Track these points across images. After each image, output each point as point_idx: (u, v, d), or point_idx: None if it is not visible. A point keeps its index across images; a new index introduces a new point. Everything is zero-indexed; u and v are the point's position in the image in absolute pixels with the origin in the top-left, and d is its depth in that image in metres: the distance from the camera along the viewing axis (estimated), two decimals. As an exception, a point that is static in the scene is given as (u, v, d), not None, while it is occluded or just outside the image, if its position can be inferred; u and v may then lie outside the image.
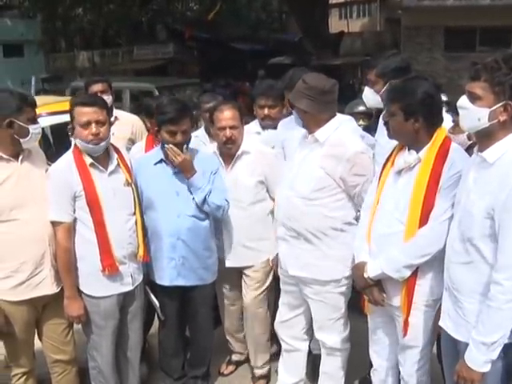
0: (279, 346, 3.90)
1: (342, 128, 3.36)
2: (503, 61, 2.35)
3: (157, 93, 11.11)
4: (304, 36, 18.78)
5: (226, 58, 20.25)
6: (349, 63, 16.08)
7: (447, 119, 3.42)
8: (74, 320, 3.40)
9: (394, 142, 3.07)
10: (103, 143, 3.29)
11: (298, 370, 3.81)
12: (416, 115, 2.81)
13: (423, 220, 2.82)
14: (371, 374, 3.41)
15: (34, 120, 3.22)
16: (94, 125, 3.24)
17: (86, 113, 3.25)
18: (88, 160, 3.31)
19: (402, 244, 2.88)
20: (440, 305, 2.79)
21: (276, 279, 3.84)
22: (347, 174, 3.24)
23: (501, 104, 2.36)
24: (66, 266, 3.29)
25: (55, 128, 6.34)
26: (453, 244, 2.61)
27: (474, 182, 2.50)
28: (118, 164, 3.42)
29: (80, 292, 3.38)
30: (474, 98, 2.41)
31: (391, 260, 2.90)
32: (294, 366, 3.81)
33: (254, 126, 4.32)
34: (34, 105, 3.25)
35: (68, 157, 3.36)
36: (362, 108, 5.06)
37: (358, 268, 3.10)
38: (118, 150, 3.49)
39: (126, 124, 4.84)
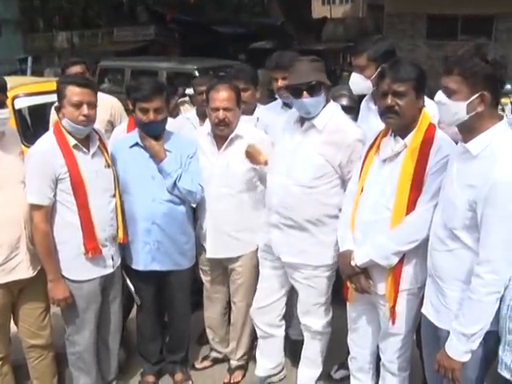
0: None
1: (338, 114, 3.34)
2: (474, 51, 2.35)
3: (197, 74, 10.22)
4: (286, 20, 18.69)
5: (207, 41, 20.09)
6: (331, 49, 16.07)
7: (432, 106, 3.39)
8: (60, 303, 3.33)
9: (376, 129, 3.05)
10: (91, 125, 3.26)
11: (275, 355, 3.82)
12: (422, 93, 2.84)
13: (410, 206, 2.81)
14: (349, 362, 3.41)
15: (0, 104, 3.09)
16: (85, 106, 3.18)
17: (79, 93, 3.19)
18: (72, 141, 3.25)
19: (389, 230, 2.86)
20: (423, 292, 2.80)
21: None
22: (346, 161, 3.22)
23: (476, 95, 2.35)
24: (46, 249, 3.23)
25: (33, 109, 6.25)
26: (436, 231, 2.61)
27: (458, 172, 2.50)
28: (99, 146, 3.37)
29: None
30: (449, 93, 2.40)
31: (379, 247, 2.88)
32: (271, 352, 3.81)
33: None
34: (1, 88, 3.10)
35: (49, 138, 3.27)
36: (345, 92, 5.03)
37: (344, 256, 3.07)
38: (96, 132, 3.43)
39: (105, 106, 4.75)
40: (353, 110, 3.85)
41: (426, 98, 2.97)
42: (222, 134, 3.64)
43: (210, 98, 3.63)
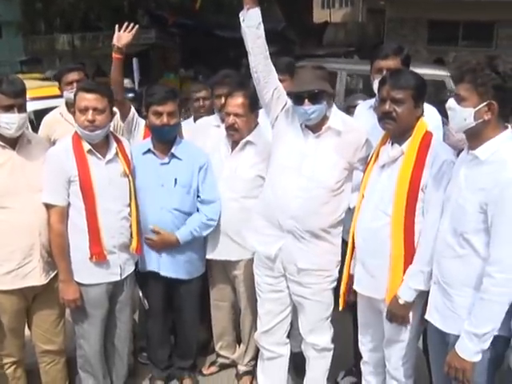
0: None
1: (344, 116, 3.39)
2: (485, 62, 2.49)
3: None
4: (288, 25, 18.70)
5: (208, 46, 20.05)
6: (332, 54, 16.05)
7: (433, 113, 3.45)
8: (70, 304, 3.35)
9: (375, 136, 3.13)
10: (99, 131, 3.27)
11: (280, 377, 3.70)
12: (421, 102, 2.92)
13: (409, 211, 2.87)
14: (361, 366, 3.42)
15: (7, 108, 3.08)
16: (90, 111, 3.22)
17: (85, 99, 3.24)
18: (86, 146, 3.30)
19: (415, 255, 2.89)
20: (425, 299, 2.85)
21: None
22: (364, 156, 3.26)
23: (484, 104, 2.48)
24: (59, 249, 3.28)
25: (39, 113, 6.26)
26: (444, 238, 2.67)
27: (466, 179, 2.59)
28: (117, 154, 3.40)
29: None
30: (459, 100, 2.53)
31: (414, 275, 2.87)
32: (276, 373, 3.69)
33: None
34: (10, 94, 3.07)
35: (67, 141, 3.34)
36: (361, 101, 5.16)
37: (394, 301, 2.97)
38: (118, 140, 3.47)
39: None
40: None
41: (427, 105, 3.07)
42: (232, 139, 3.69)
43: (226, 103, 3.70)
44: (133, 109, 4.07)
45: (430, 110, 3.35)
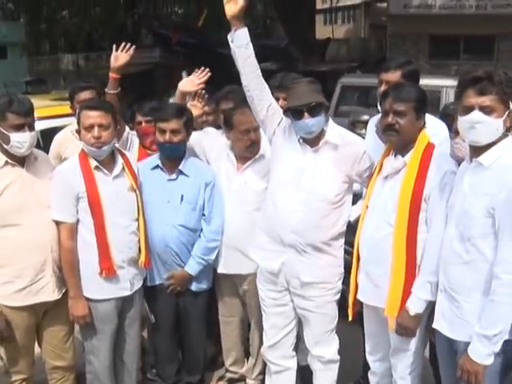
0: None
1: (341, 129, 3.41)
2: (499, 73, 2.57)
3: None
4: (291, 42, 18.85)
5: (210, 63, 20.16)
6: (335, 70, 16.15)
7: (441, 126, 3.49)
8: (80, 320, 3.38)
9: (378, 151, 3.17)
10: (105, 147, 3.32)
11: None
12: (423, 114, 2.99)
13: (411, 221, 2.91)
14: (369, 376, 3.43)
15: (19, 128, 3.13)
16: (96, 128, 3.27)
17: (90, 116, 3.29)
18: (93, 163, 3.34)
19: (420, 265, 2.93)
20: (431, 307, 2.88)
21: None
22: (362, 170, 3.30)
23: (508, 112, 2.56)
24: (69, 265, 3.31)
25: (46, 133, 6.32)
26: (450, 245, 2.70)
27: (470, 186, 2.64)
28: (123, 168, 3.44)
29: None
30: (489, 111, 2.56)
31: (422, 286, 2.90)
32: None
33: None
34: (21, 113, 3.13)
35: (74, 159, 3.40)
36: (366, 117, 5.23)
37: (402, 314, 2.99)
38: (123, 155, 3.51)
39: None
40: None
41: (431, 116, 3.14)
42: (251, 156, 3.70)
43: (236, 121, 3.65)
44: (127, 128, 4.10)
45: (437, 124, 3.42)
